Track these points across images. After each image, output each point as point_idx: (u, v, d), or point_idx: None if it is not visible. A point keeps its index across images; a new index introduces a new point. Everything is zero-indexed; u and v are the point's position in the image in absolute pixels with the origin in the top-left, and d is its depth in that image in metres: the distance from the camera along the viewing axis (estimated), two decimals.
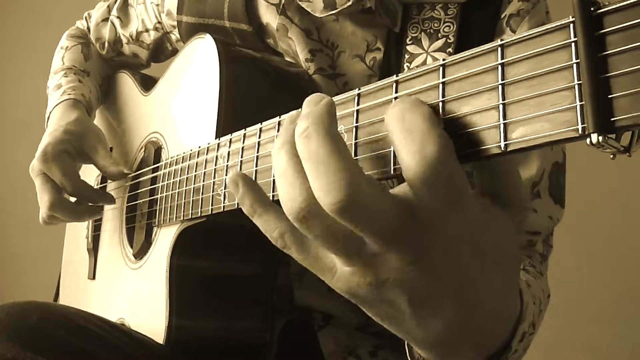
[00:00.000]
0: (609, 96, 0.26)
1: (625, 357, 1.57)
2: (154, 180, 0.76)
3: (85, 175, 0.85)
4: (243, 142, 0.50)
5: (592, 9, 0.27)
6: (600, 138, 0.26)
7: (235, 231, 0.67)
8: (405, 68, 0.70)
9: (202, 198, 0.58)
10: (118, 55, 1.02)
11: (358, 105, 0.37)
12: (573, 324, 1.58)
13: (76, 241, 1.02)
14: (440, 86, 0.33)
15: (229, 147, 0.53)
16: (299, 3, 0.71)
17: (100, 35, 1.01)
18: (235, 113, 0.64)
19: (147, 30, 0.94)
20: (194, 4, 0.82)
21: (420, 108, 0.31)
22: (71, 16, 1.11)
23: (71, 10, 1.33)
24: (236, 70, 0.67)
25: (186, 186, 0.63)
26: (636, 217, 1.56)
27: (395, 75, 0.35)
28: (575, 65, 0.27)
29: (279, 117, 0.45)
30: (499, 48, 0.30)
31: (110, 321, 0.67)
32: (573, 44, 0.27)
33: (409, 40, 0.70)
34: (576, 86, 0.27)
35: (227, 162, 0.53)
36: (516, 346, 0.41)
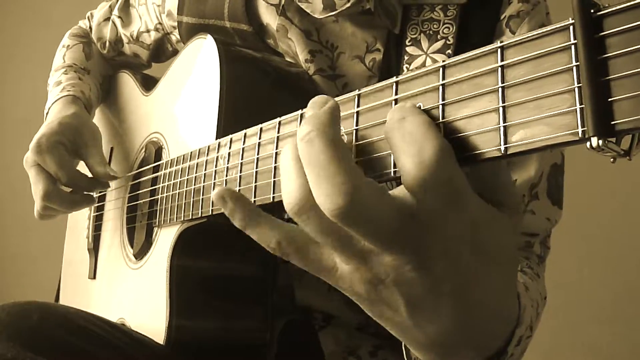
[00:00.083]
0: (609, 99, 0.26)
1: (625, 357, 1.57)
2: (155, 180, 0.76)
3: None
4: (243, 143, 0.50)
5: (592, 11, 0.27)
6: (600, 142, 0.26)
7: (235, 232, 0.67)
8: (404, 69, 0.69)
9: (203, 199, 0.58)
10: (119, 55, 1.02)
11: (358, 106, 0.37)
12: (573, 324, 1.58)
13: (76, 241, 1.02)
14: (440, 88, 0.33)
15: (230, 148, 0.53)
16: (299, 4, 0.71)
17: (101, 34, 1.01)
18: (235, 113, 0.65)
19: (148, 30, 0.94)
20: (195, 5, 0.82)
21: (419, 113, 0.31)
22: (71, 16, 1.11)
23: (71, 10, 1.33)
24: (237, 70, 0.67)
25: (187, 187, 0.63)
26: (636, 218, 1.56)
27: (395, 76, 0.35)
28: (575, 67, 0.27)
29: (279, 118, 0.45)
30: (499, 50, 0.30)
31: (110, 321, 0.67)
32: (573, 47, 0.27)
33: (409, 41, 0.70)
34: (576, 89, 0.27)
35: (228, 164, 0.53)
36: (512, 350, 0.41)
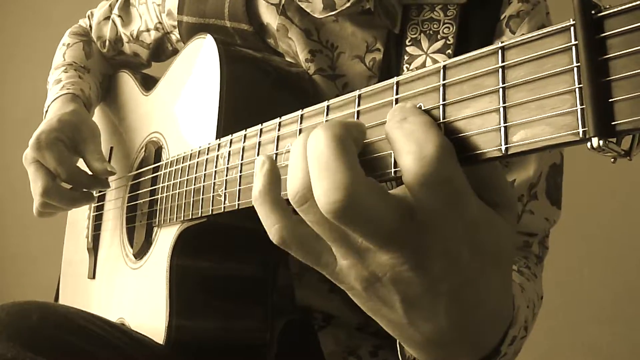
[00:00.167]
0: (610, 100, 0.26)
1: (625, 357, 1.57)
2: (155, 180, 0.76)
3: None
4: (244, 143, 0.50)
5: (593, 12, 0.27)
6: (600, 142, 0.26)
7: (235, 232, 0.67)
8: (404, 69, 0.69)
9: (203, 198, 0.58)
10: (119, 54, 1.02)
11: (359, 106, 0.37)
12: (573, 324, 1.58)
13: (76, 241, 1.02)
14: (440, 88, 0.33)
15: (230, 148, 0.53)
16: (299, 3, 0.71)
17: (101, 33, 1.01)
18: (235, 113, 0.64)
19: (148, 29, 0.94)
20: (195, 4, 0.82)
21: (419, 113, 0.32)
22: (71, 16, 1.11)
23: (71, 10, 1.33)
24: (237, 70, 0.67)
25: (187, 187, 0.63)
26: (636, 218, 1.56)
27: (395, 77, 0.36)
28: (575, 68, 0.27)
29: (280, 118, 0.45)
30: (500, 51, 0.30)
31: (110, 321, 0.67)
32: (574, 47, 0.27)
33: (409, 41, 0.70)
34: (577, 90, 0.27)
35: (228, 164, 0.53)
36: (506, 349, 0.41)
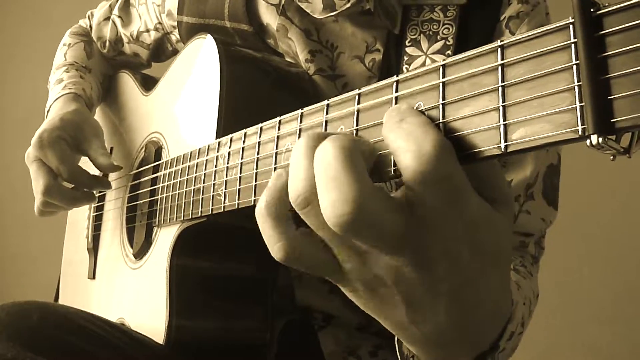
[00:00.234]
0: (609, 97, 0.26)
1: (625, 357, 1.57)
2: (155, 180, 0.76)
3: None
4: (244, 142, 0.50)
5: (592, 10, 0.27)
6: (600, 139, 0.26)
7: (235, 231, 0.67)
8: (404, 70, 0.70)
9: (203, 198, 0.58)
10: (119, 54, 1.02)
11: (359, 104, 0.37)
12: (573, 324, 1.58)
13: (76, 241, 1.02)
14: (440, 87, 0.33)
15: (230, 147, 0.53)
16: (299, 4, 0.71)
17: (101, 34, 1.01)
18: (235, 113, 0.65)
19: (148, 30, 0.94)
20: (195, 5, 0.82)
21: (417, 114, 0.32)
22: (71, 16, 1.11)
23: (71, 10, 1.33)
24: (237, 70, 0.67)
25: (187, 187, 0.63)
26: (636, 217, 1.56)
27: (395, 75, 0.36)
28: (575, 66, 0.27)
29: (280, 117, 0.45)
30: (499, 49, 0.30)
31: (110, 321, 0.67)
32: (573, 45, 0.27)
33: (408, 42, 0.70)
34: (576, 87, 0.27)
35: (228, 164, 0.53)
36: (504, 344, 0.42)
